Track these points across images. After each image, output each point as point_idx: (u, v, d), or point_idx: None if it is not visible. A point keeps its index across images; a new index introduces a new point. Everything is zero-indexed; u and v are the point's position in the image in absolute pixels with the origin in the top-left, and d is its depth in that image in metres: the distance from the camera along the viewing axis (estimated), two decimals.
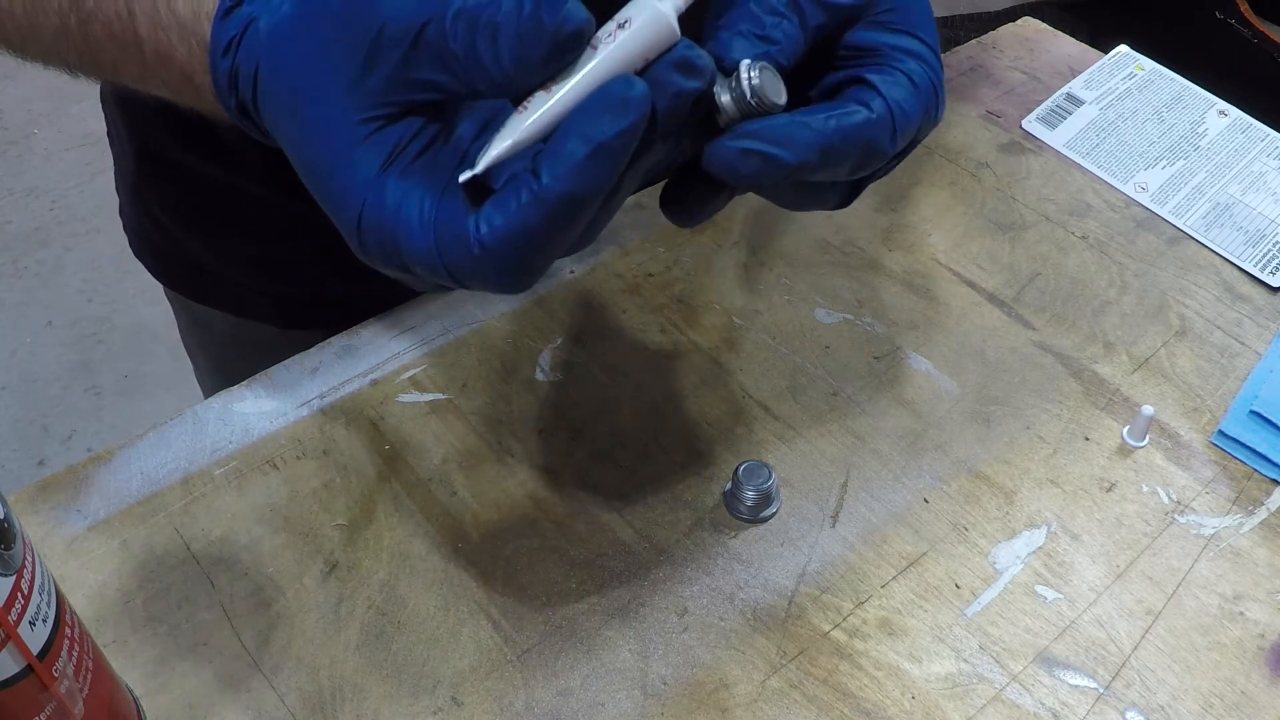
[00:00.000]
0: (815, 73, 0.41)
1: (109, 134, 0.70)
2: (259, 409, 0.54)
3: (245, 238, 0.66)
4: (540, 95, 0.33)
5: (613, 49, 0.33)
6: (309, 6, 0.35)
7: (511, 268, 0.33)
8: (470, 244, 0.33)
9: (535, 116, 0.33)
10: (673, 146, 0.36)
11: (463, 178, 0.34)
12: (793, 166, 0.36)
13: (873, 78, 0.38)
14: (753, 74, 0.36)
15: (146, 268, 0.72)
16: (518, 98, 0.34)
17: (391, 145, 0.34)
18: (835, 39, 0.40)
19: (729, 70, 0.37)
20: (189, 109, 0.41)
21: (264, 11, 0.36)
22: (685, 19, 0.34)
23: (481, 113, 0.36)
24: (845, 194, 0.42)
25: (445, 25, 0.32)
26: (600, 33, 0.33)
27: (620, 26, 0.33)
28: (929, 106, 0.40)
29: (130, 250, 0.73)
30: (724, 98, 0.37)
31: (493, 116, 0.36)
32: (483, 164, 0.34)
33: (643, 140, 0.33)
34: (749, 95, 0.36)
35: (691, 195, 0.40)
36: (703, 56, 0.33)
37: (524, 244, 0.33)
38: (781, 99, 0.37)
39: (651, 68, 0.33)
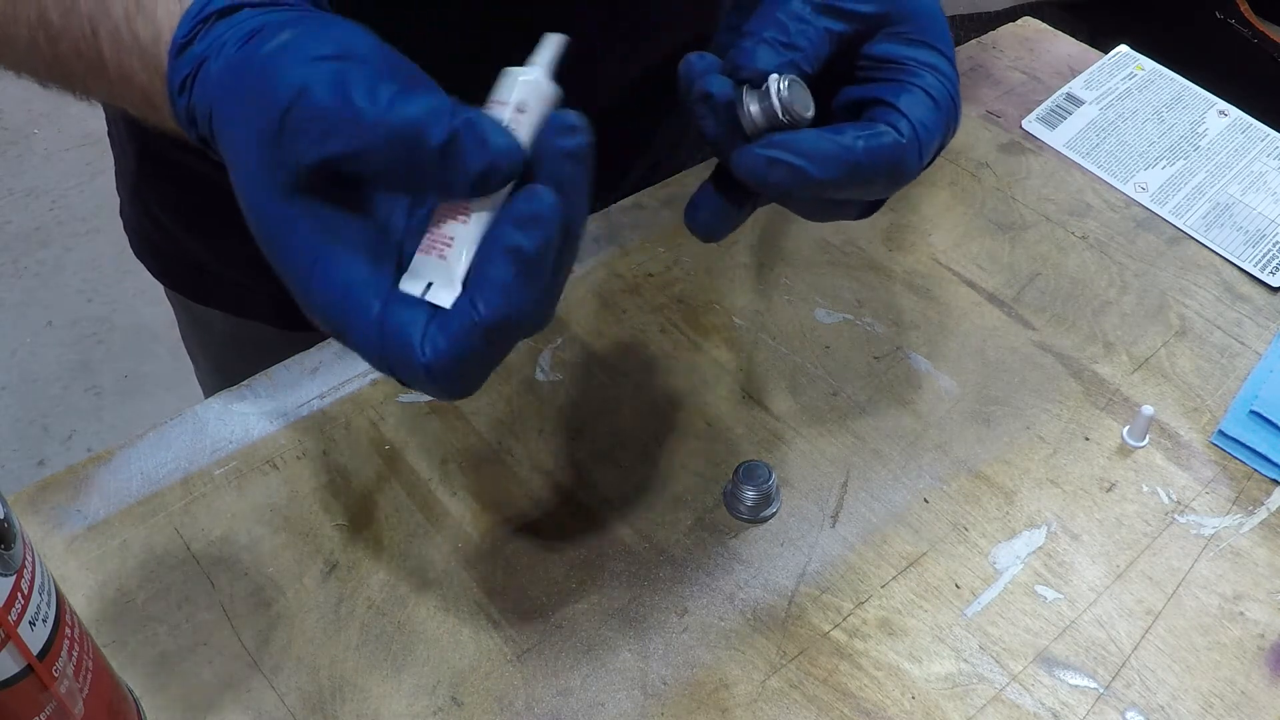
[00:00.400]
0: (834, 83, 0.41)
1: (109, 134, 0.70)
2: (259, 409, 0.54)
3: (246, 238, 0.66)
4: (478, 202, 0.34)
5: (521, 134, 0.34)
6: (239, 61, 0.34)
7: (455, 385, 0.34)
8: (416, 364, 0.33)
9: (478, 224, 0.34)
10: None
11: (419, 293, 0.34)
12: (819, 181, 0.37)
13: (896, 99, 0.39)
14: (782, 86, 0.37)
15: (147, 268, 0.72)
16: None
17: (326, 217, 0.33)
18: (855, 48, 0.41)
19: (754, 80, 0.38)
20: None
21: (213, 52, 0.35)
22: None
23: (398, 201, 0.36)
24: (866, 208, 0.43)
25: (380, 141, 0.32)
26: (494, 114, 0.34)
27: (519, 110, 0.34)
28: (949, 121, 0.40)
29: (130, 250, 0.73)
30: (753, 108, 0.37)
31: (410, 211, 0.36)
32: (457, 283, 0.33)
33: (566, 234, 0.33)
34: (778, 107, 0.37)
35: (714, 208, 0.41)
36: (574, 115, 0.34)
37: (467, 365, 0.33)
38: (809, 112, 0.38)
39: (538, 139, 0.33)
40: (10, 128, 2.26)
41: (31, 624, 0.33)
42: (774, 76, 0.37)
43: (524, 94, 0.35)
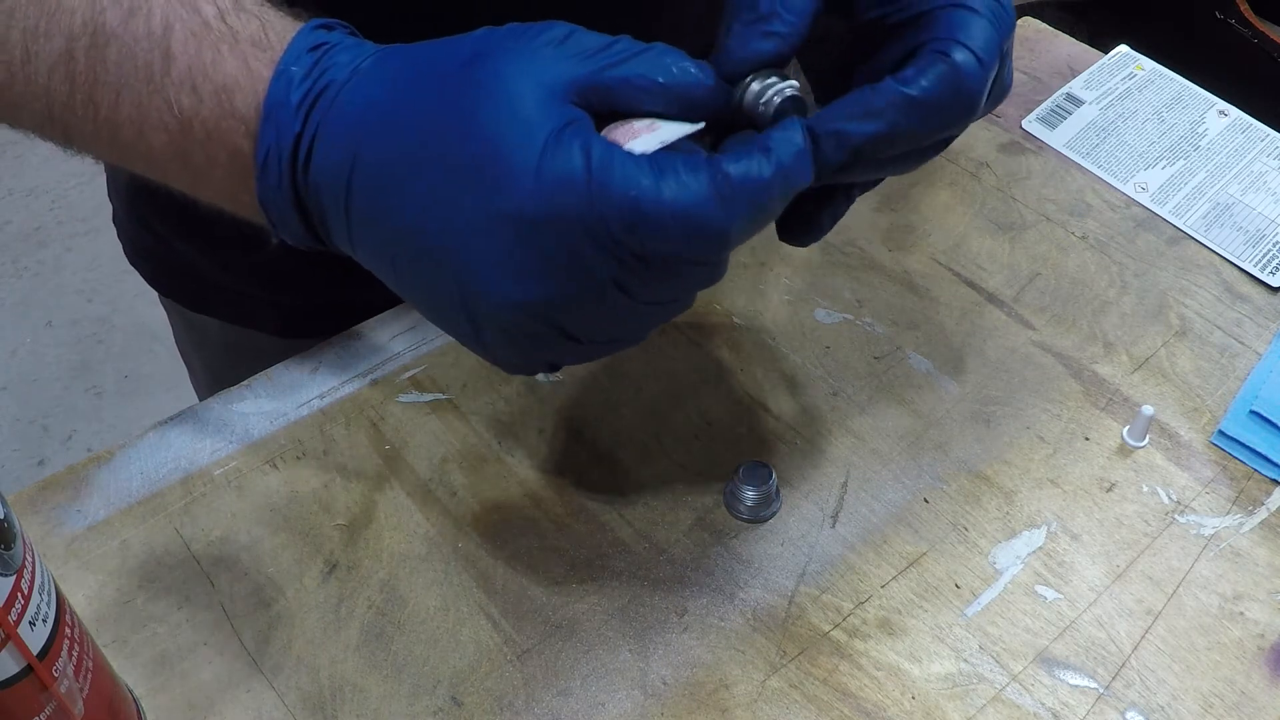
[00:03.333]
0: (871, 40, 0.40)
1: None
2: (259, 409, 0.54)
3: (245, 247, 0.66)
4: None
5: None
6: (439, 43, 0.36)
7: (745, 231, 0.34)
8: (761, 184, 0.34)
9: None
10: None
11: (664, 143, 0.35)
12: (891, 129, 0.36)
13: (931, 31, 0.37)
14: (775, 99, 0.37)
15: (142, 275, 0.72)
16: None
17: (591, 122, 0.34)
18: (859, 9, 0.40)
19: (740, 66, 0.38)
20: (187, 173, 0.39)
21: (366, 45, 0.37)
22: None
23: None
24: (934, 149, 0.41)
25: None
26: None
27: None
28: (1000, 21, 0.38)
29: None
30: (753, 87, 0.37)
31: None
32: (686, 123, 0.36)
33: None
34: (764, 107, 0.37)
35: (798, 215, 0.41)
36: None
37: (760, 207, 0.34)
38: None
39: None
40: None
41: (31, 624, 0.33)
42: (790, 85, 0.37)
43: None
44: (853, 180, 0.40)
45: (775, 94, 0.37)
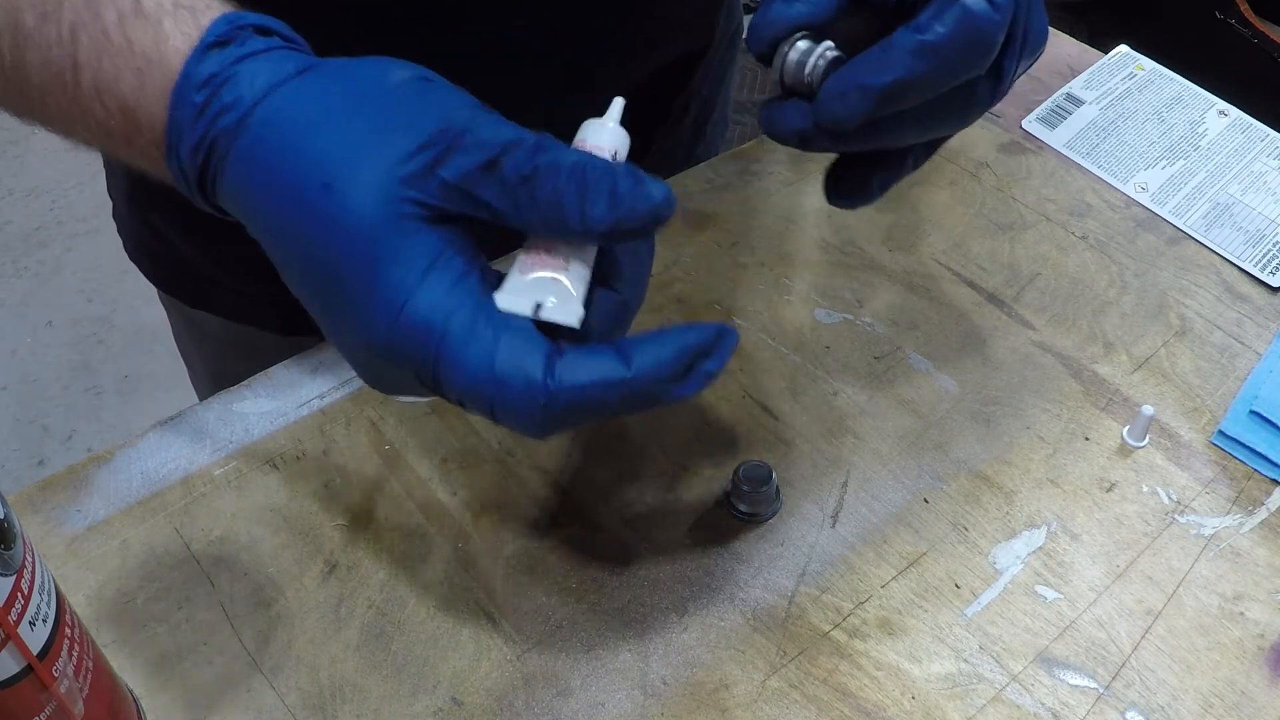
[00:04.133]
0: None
1: None
2: (259, 409, 0.54)
3: (245, 244, 0.66)
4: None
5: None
6: (352, 73, 0.35)
7: (558, 426, 0.33)
8: (536, 392, 0.32)
9: (590, 259, 0.35)
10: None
11: (527, 312, 0.33)
12: (912, 77, 0.36)
13: None
14: (819, 64, 0.37)
15: (142, 271, 0.72)
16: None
17: (440, 248, 0.33)
18: None
19: (783, 28, 0.37)
20: (113, 156, 0.39)
21: (263, 64, 0.35)
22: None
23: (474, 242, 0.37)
24: (990, 88, 0.40)
25: (553, 172, 0.33)
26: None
27: (613, 156, 0.36)
28: None
29: None
30: (790, 56, 0.37)
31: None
32: (575, 316, 0.34)
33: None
34: (806, 75, 0.37)
35: (849, 177, 0.41)
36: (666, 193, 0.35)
37: (586, 412, 0.33)
38: None
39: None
40: (10, 127, 2.25)
41: (31, 624, 0.33)
42: (824, 45, 0.37)
43: (616, 142, 0.36)
44: (892, 141, 0.40)
45: (819, 58, 0.37)
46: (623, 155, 0.36)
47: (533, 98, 0.60)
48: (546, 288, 0.34)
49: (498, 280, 0.35)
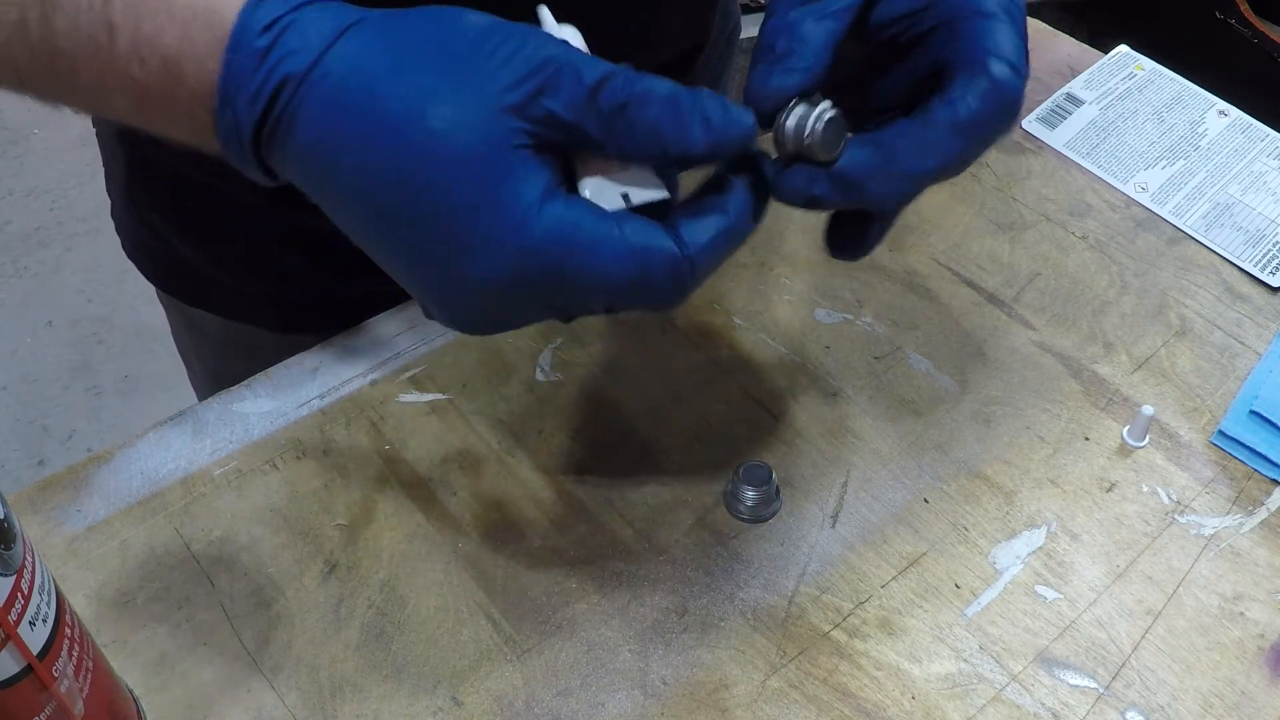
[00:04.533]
0: (898, 50, 0.41)
1: (98, 136, 0.69)
2: (259, 409, 0.54)
3: (244, 243, 0.66)
4: None
5: None
6: (424, 18, 0.35)
7: (695, 287, 0.36)
8: (679, 261, 0.35)
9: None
10: None
11: (619, 205, 0.36)
12: (944, 162, 0.38)
13: (961, 48, 0.38)
14: (818, 126, 0.38)
15: (141, 271, 0.72)
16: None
17: (549, 172, 0.35)
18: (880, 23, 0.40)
19: (781, 107, 0.39)
20: (144, 129, 0.38)
21: (321, 12, 0.34)
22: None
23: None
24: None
25: (646, 101, 0.34)
26: None
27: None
28: (1018, 19, 0.39)
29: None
30: (789, 123, 0.38)
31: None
32: (661, 193, 0.37)
33: None
34: (806, 143, 0.38)
35: (849, 231, 0.43)
36: None
37: (714, 265, 0.36)
38: (833, 154, 0.38)
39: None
40: (10, 128, 2.26)
41: (31, 624, 0.33)
42: (823, 106, 0.38)
43: (568, 34, 0.38)
44: (906, 202, 0.42)
45: (816, 120, 0.38)
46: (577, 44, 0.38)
47: None
48: (622, 182, 0.36)
49: None
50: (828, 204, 0.40)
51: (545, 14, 0.39)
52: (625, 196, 0.36)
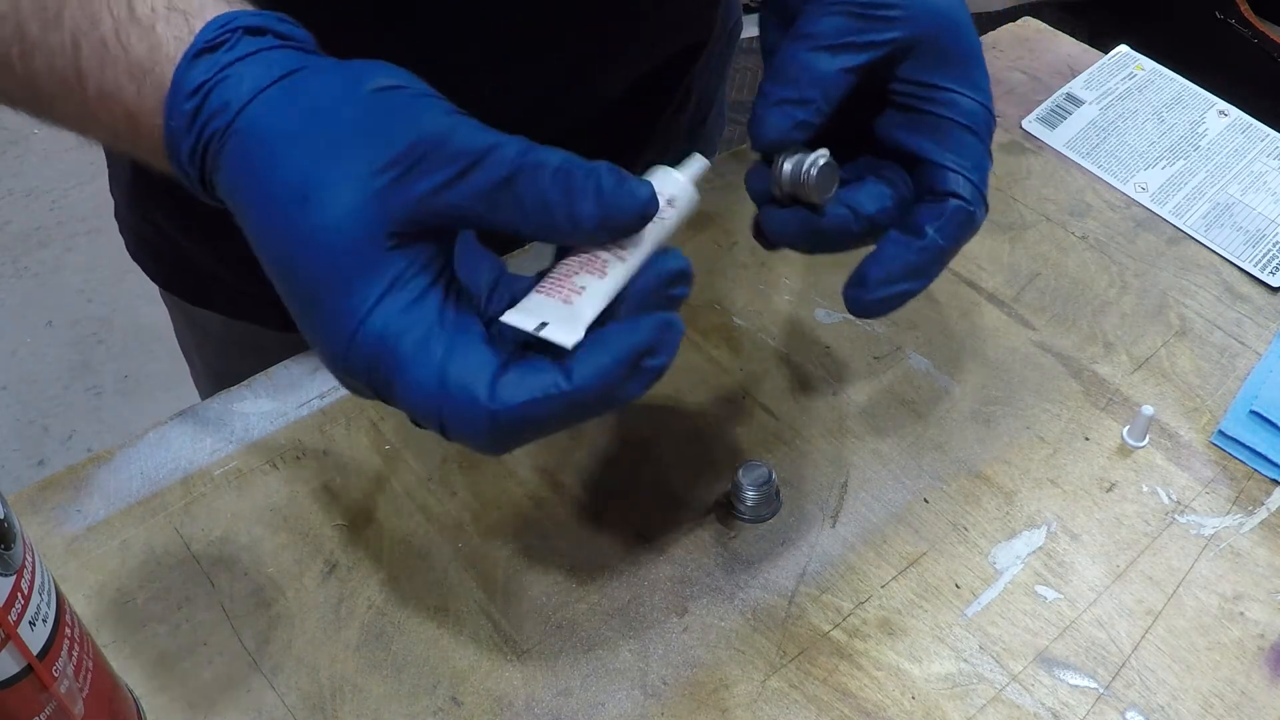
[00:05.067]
0: (872, 105, 0.43)
1: None
2: (259, 409, 0.54)
3: (245, 241, 0.66)
4: (611, 258, 0.35)
5: (667, 224, 0.37)
6: (333, 80, 0.34)
7: (508, 442, 0.34)
8: (481, 411, 0.33)
9: (614, 282, 0.35)
10: None
11: (530, 328, 0.34)
12: (926, 283, 0.42)
13: (943, 157, 0.41)
14: (812, 171, 0.40)
15: (144, 269, 0.72)
16: (559, 252, 0.37)
17: (402, 268, 0.33)
18: (887, 69, 0.42)
19: (766, 142, 0.41)
20: (126, 156, 0.40)
21: (251, 68, 0.35)
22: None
23: (480, 264, 0.37)
24: None
25: (536, 174, 0.33)
26: None
27: (669, 203, 0.37)
28: (989, 138, 0.43)
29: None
30: (785, 167, 0.41)
31: (499, 273, 0.37)
32: (582, 327, 0.34)
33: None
34: (805, 187, 0.41)
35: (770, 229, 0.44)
36: (688, 265, 0.36)
37: (533, 427, 0.34)
38: (827, 196, 0.41)
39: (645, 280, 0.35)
40: (10, 128, 2.26)
41: (31, 624, 0.33)
42: (816, 154, 0.40)
43: (675, 190, 0.38)
44: None
45: (810, 166, 0.40)
46: (683, 207, 0.38)
47: (533, 90, 0.60)
48: (552, 309, 0.34)
49: (489, 292, 0.36)
50: (816, 249, 0.43)
51: (697, 164, 0.39)
52: (541, 325, 0.34)
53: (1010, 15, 0.85)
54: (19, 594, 0.33)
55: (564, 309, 0.34)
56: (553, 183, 0.33)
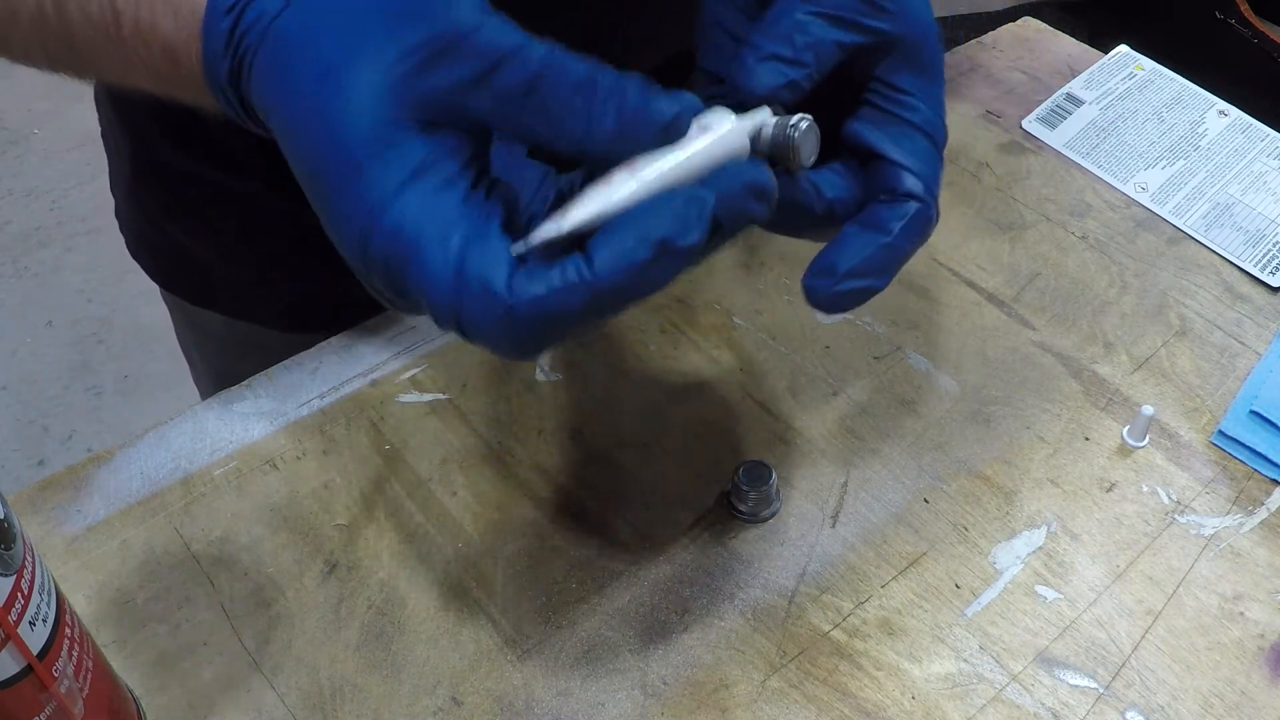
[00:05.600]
0: (834, 96, 0.41)
1: (103, 135, 0.69)
2: (259, 409, 0.54)
3: (249, 241, 0.66)
4: (626, 176, 0.33)
5: (696, 151, 0.33)
6: None
7: (530, 341, 0.32)
8: (498, 304, 0.31)
9: (618, 196, 0.32)
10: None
11: (539, 236, 0.32)
12: (887, 282, 0.41)
13: (903, 156, 0.41)
14: (795, 134, 0.37)
15: (144, 269, 0.72)
16: (588, 167, 0.35)
17: (424, 154, 0.32)
18: (859, 65, 0.41)
19: (750, 102, 0.38)
20: (173, 101, 0.39)
21: None
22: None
23: (525, 168, 0.36)
24: None
25: (559, 80, 0.32)
26: None
27: (701, 129, 0.34)
28: (942, 149, 0.43)
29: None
30: (767, 132, 0.37)
31: (544, 174, 0.36)
32: (568, 225, 0.32)
33: (704, 246, 0.32)
34: (788, 147, 0.37)
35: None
36: (773, 181, 0.34)
37: (555, 323, 0.31)
38: (808, 163, 0.38)
39: (725, 186, 0.33)
40: (10, 128, 2.26)
41: (31, 624, 0.33)
42: (797, 118, 0.37)
43: (719, 127, 0.35)
44: None
45: (793, 129, 0.37)
46: (722, 144, 0.35)
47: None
48: (591, 200, 0.33)
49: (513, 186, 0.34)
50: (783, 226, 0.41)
51: (764, 113, 0.37)
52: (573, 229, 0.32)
53: (1010, 15, 0.85)
54: (19, 594, 0.33)
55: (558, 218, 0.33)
56: (576, 90, 0.32)
